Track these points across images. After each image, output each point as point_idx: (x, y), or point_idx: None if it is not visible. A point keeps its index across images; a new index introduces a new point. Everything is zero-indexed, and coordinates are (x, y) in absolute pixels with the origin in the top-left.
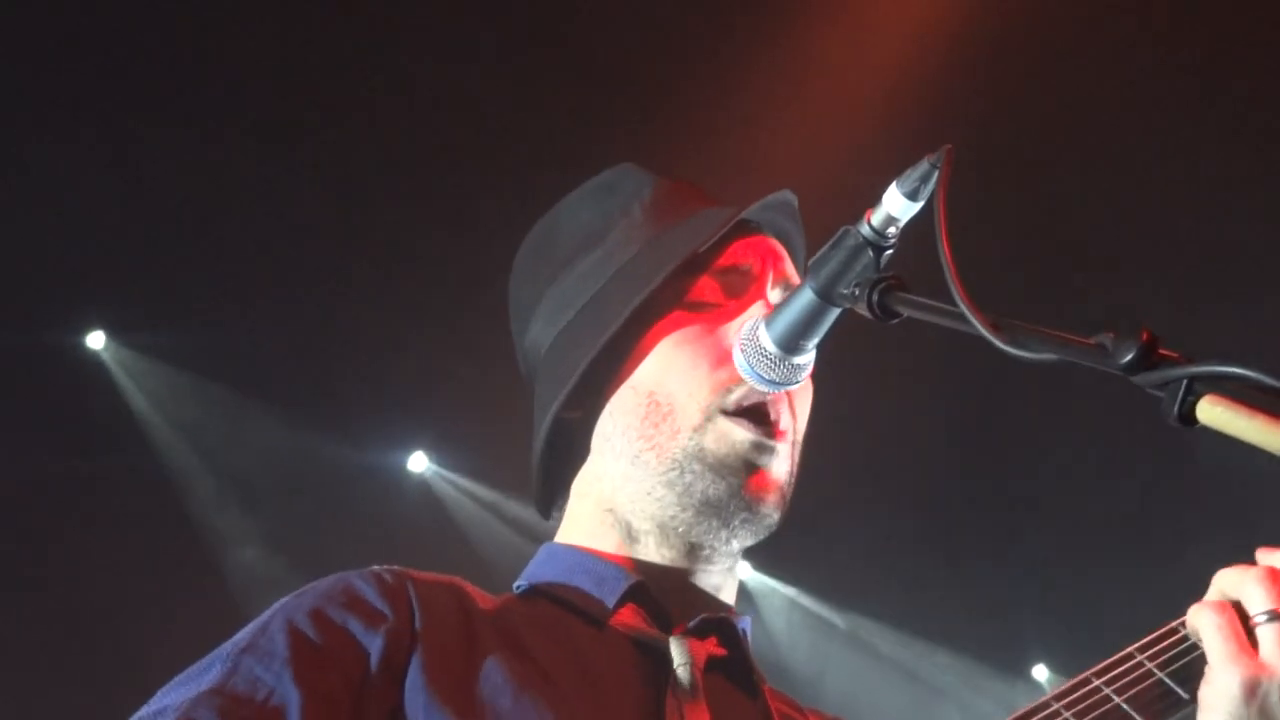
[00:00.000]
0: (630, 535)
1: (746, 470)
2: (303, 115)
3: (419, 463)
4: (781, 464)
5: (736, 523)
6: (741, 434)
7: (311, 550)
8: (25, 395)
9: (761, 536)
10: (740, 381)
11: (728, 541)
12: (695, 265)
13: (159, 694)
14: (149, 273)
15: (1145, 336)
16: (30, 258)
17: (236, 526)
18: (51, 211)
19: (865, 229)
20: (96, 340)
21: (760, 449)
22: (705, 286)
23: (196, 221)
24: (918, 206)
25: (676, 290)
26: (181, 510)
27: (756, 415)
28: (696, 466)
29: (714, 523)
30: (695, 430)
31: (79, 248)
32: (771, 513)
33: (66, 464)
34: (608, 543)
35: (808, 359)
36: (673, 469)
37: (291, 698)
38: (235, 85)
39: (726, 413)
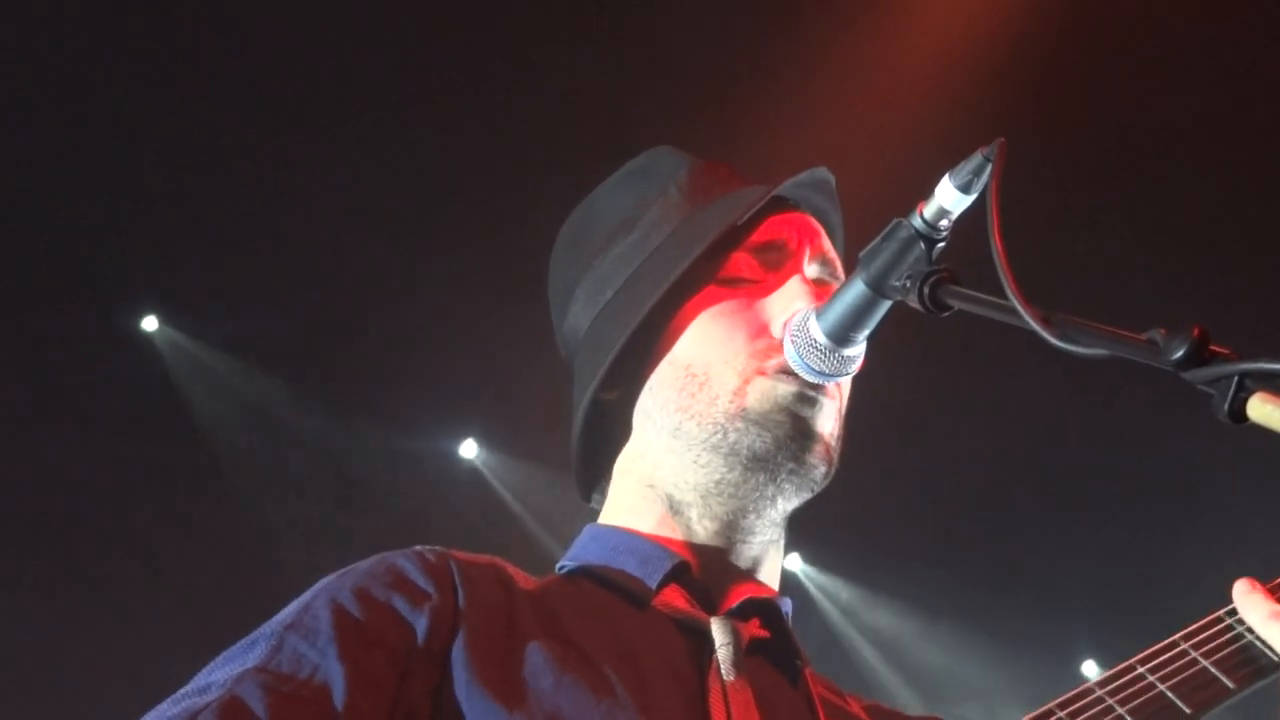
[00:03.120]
0: (672, 508)
1: (792, 422)
2: (355, 104)
3: (470, 450)
4: (828, 418)
5: (783, 476)
6: (785, 387)
7: (363, 538)
8: (77, 378)
9: (805, 495)
10: (780, 351)
11: (773, 500)
12: (731, 241)
13: (203, 671)
14: (202, 258)
15: (1197, 332)
16: (84, 241)
17: (286, 512)
18: (105, 195)
19: (917, 221)
20: (150, 324)
21: (804, 400)
22: (741, 262)
23: (250, 207)
24: (970, 199)
25: (712, 267)
26: (231, 496)
27: (797, 375)
28: (740, 424)
29: (761, 478)
30: (735, 393)
31: (132, 231)
32: (818, 465)
33: (117, 448)
34: (649, 519)
35: (858, 351)
36: (716, 432)
37: (336, 675)
38: (289, 72)
39: (765, 374)
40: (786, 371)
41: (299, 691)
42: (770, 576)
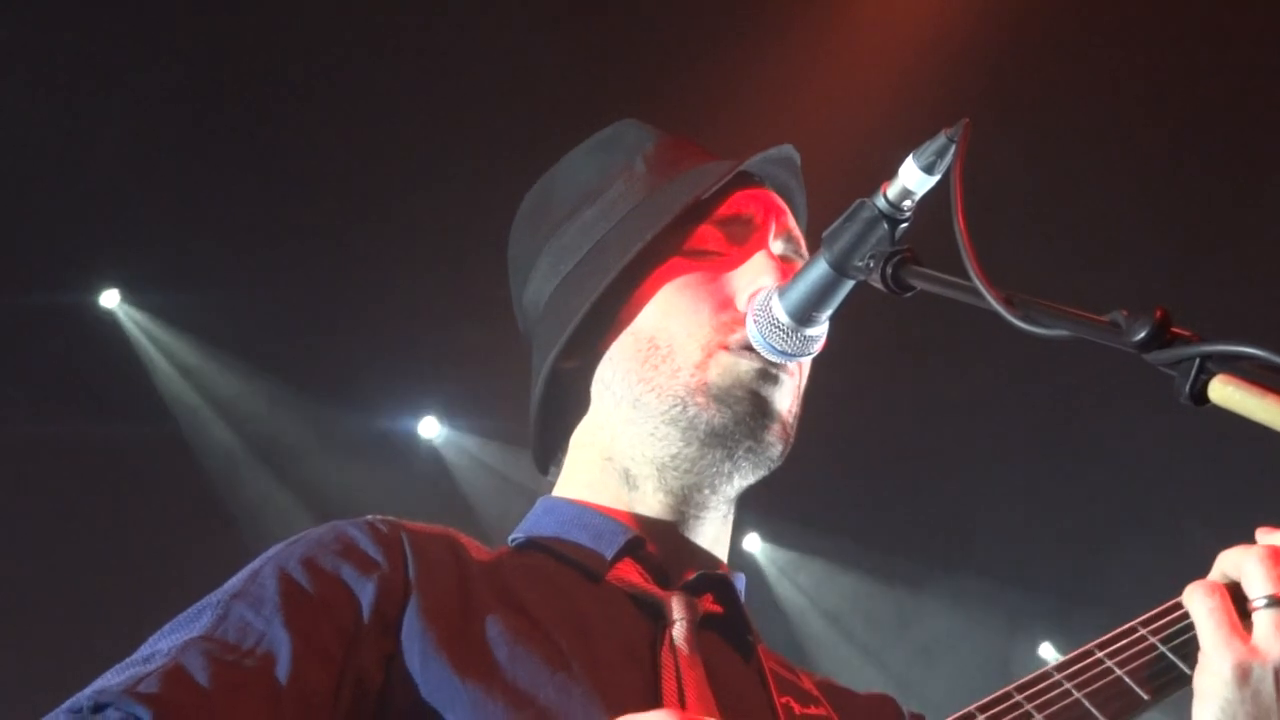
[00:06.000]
0: (629, 482)
1: (752, 399)
2: (315, 77)
3: (430, 428)
4: (787, 396)
5: (740, 452)
6: (746, 364)
7: (322, 515)
8: (37, 353)
9: (761, 472)
10: (743, 324)
11: (729, 477)
12: (696, 214)
13: (150, 640)
14: (163, 232)
15: (1159, 314)
16: (45, 215)
17: (247, 490)
18: (66, 168)
19: (880, 201)
20: (110, 299)
21: (765, 377)
22: (707, 235)
23: (210, 182)
24: (934, 180)
25: (677, 238)
26: (192, 472)
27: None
28: (700, 399)
29: (718, 454)
30: (697, 367)
31: (93, 205)
32: (775, 443)
33: (77, 422)
34: (605, 493)
35: (820, 330)
36: (675, 405)
37: (281, 644)
38: (248, 47)
39: (728, 349)
40: (749, 347)
41: (243, 661)
42: (721, 552)
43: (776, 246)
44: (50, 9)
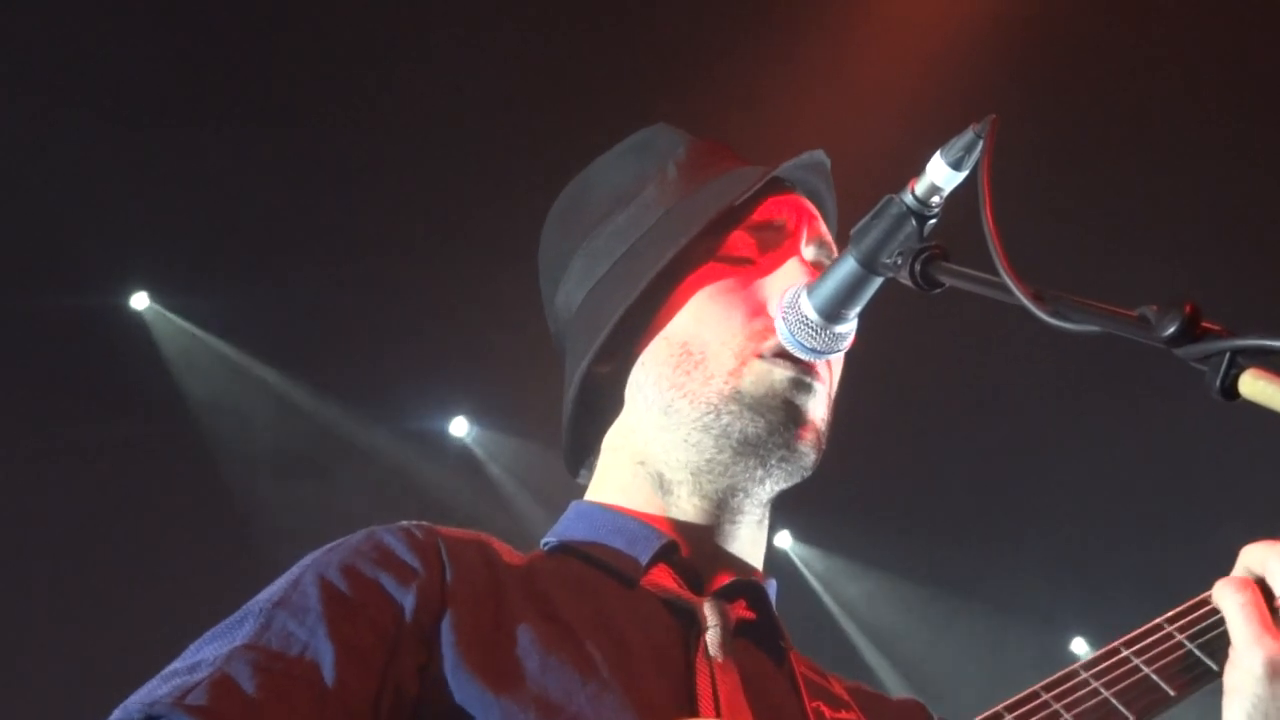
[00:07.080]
0: (662, 487)
1: (786, 408)
2: (344, 81)
3: (460, 428)
4: (819, 405)
5: (774, 461)
6: (780, 372)
7: (355, 516)
8: (66, 355)
9: (795, 480)
10: (775, 332)
11: (762, 483)
12: (729, 221)
13: (192, 648)
14: (193, 234)
15: (1188, 309)
16: (75, 217)
17: (277, 492)
18: (97, 171)
19: (908, 198)
20: (140, 301)
21: (799, 386)
22: (739, 241)
23: (242, 185)
24: (962, 176)
25: (710, 245)
26: (222, 475)
27: (792, 358)
28: (734, 407)
29: (751, 462)
30: (730, 374)
31: (123, 207)
32: (809, 452)
33: (106, 425)
34: (638, 497)
35: (849, 328)
36: (709, 412)
37: (325, 652)
38: (279, 51)
39: (762, 356)
40: (782, 354)
41: (289, 670)
42: (755, 557)
43: (808, 252)
44: (87, 13)
